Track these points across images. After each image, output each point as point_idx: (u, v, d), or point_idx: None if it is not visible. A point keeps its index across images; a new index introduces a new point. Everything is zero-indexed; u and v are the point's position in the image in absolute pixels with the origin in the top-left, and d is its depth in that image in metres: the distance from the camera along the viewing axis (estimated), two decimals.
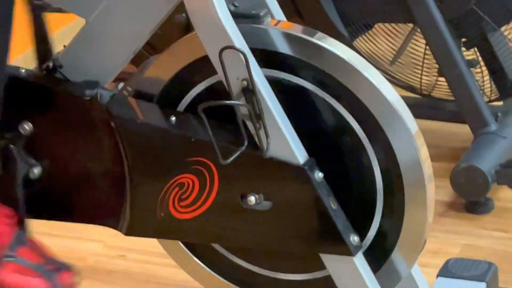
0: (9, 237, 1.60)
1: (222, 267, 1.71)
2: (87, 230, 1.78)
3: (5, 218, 1.62)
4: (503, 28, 2.22)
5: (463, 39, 2.21)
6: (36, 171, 1.66)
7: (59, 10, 1.65)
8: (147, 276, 1.98)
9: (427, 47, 2.21)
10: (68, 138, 1.65)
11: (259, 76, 1.49)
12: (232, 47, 1.47)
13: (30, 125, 1.64)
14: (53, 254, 1.64)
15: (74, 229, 1.96)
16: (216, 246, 1.69)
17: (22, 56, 2.60)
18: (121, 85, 1.64)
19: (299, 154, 1.52)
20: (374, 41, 2.34)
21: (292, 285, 1.67)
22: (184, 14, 1.58)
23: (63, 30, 2.66)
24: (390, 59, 2.31)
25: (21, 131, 1.64)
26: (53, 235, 2.09)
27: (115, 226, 1.66)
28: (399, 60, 2.30)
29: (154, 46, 1.67)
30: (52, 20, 1.75)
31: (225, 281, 1.72)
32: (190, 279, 1.75)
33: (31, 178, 1.66)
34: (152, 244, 1.74)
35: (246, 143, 1.50)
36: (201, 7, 1.49)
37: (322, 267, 1.59)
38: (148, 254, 1.99)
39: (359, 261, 1.55)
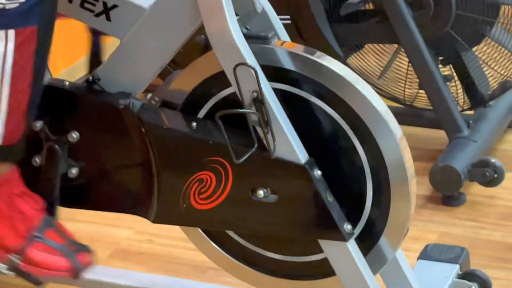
0: (38, 220, 1.61)
1: (235, 250, 1.70)
2: (120, 218, 1.79)
3: (36, 205, 1.62)
4: (474, 48, 2.22)
5: (440, 58, 2.21)
6: (74, 171, 1.66)
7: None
8: (171, 258, 1.99)
9: (410, 64, 2.21)
10: (105, 141, 1.65)
11: (267, 89, 1.49)
12: (244, 63, 1.47)
13: (77, 133, 1.66)
14: (74, 237, 1.66)
15: (109, 218, 1.96)
16: (230, 233, 1.69)
17: (66, 71, 2.61)
18: (149, 95, 1.64)
19: (300, 155, 1.52)
20: (364, 59, 2.34)
21: (293, 266, 1.66)
22: (203, 36, 1.58)
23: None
24: (378, 74, 2.31)
25: (69, 138, 1.65)
26: (91, 222, 2.10)
27: (144, 215, 1.67)
28: (385, 75, 2.30)
29: (177, 62, 1.66)
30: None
31: (237, 261, 1.71)
32: (208, 260, 1.75)
33: (68, 177, 1.66)
34: (175, 230, 1.74)
35: (256, 145, 1.50)
36: (218, 30, 1.49)
37: (320, 250, 1.59)
38: (172, 239, 1.99)
39: (352, 246, 1.55)
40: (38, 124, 1.64)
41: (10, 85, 1.47)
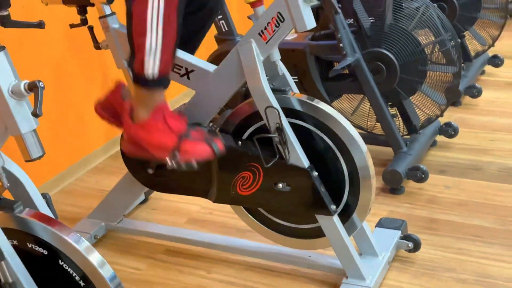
0: (184, 127, 1.51)
1: (263, 220, 1.70)
2: (193, 199, 1.79)
3: (181, 119, 1.53)
4: (411, 98, 2.21)
5: (390, 103, 2.20)
6: None
7: None
8: (223, 224, 1.98)
9: (370, 107, 2.21)
10: None
11: (285, 122, 1.50)
12: (271, 106, 1.48)
13: None
14: (206, 133, 1.54)
15: (186, 198, 1.97)
16: (260, 209, 1.69)
17: None
18: (211, 124, 1.64)
19: (305, 162, 1.52)
20: (343, 103, 2.34)
21: (300, 230, 1.66)
22: (244, 88, 1.58)
23: (180, 95, 2.67)
24: (351, 112, 2.31)
25: None
26: (175, 201, 2.10)
27: (208, 198, 1.67)
28: (355, 113, 2.30)
29: (228, 104, 1.66)
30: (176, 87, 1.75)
31: (264, 227, 1.71)
32: (246, 225, 1.74)
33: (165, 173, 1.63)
34: (226, 207, 1.74)
35: (277, 156, 1.51)
36: (256, 85, 1.49)
37: (316, 221, 1.59)
38: (224, 212, 1.98)
39: (336, 219, 1.55)
40: None
41: (163, 29, 1.37)
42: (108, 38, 1.69)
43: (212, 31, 2.32)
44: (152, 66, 1.39)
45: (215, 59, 2.25)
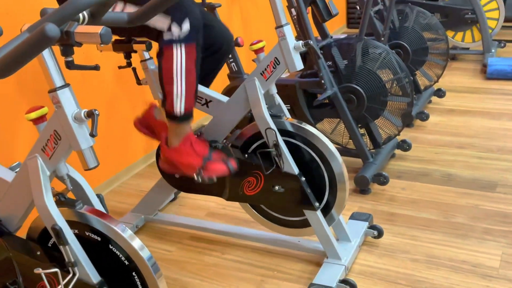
0: (207, 151, 1.51)
1: (264, 213, 1.69)
2: (210, 197, 1.77)
3: (204, 144, 1.53)
4: (375, 121, 2.21)
5: (359, 125, 2.20)
6: None
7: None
8: (234, 216, 1.96)
9: (345, 128, 2.20)
10: None
11: (280, 139, 1.50)
12: (270, 128, 1.48)
13: None
14: (224, 155, 1.53)
15: (205, 197, 1.96)
16: (262, 205, 1.68)
17: None
18: (225, 141, 1.64)
19: (295, 170, 1.52)
20: (324, 125, 2.33)
21: (292, 221, 1.65)
22: (249, 114, 1.58)
23: (202, 118, 2.67)
24: (330, 131, 2.31)
25: None
26: (198, 199, 2.08)
27: (222, 197, 1.66)
28: (334, 132, 2.29)
29: (237, 125, 1.66)
30: (198, 113, 1.76)
31: (264, 219, 1.70)
32: (251, 218, 1.73)
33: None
34: (236, 203, 1.73)
35: (275, 165, 1.51)
36: (259, 113, 1.50)
37: (303, 215, 1.58)
38: (235, 207, 1.97)
39: (319, 213, 1.55)
40: None
41: (185, 79, 1.37)
42: (147, 76, 1.70)
43: (225, 70, 2.34)
44: (179, 106, 1.40)
45: (228, 92, 2.26)
